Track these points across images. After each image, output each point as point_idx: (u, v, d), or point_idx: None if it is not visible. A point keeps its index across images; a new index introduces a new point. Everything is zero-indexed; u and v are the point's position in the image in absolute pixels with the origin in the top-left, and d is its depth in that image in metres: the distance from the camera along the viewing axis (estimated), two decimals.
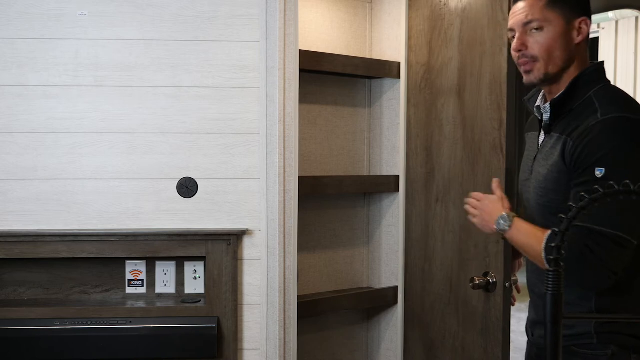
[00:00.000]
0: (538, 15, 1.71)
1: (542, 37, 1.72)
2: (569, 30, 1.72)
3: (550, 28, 1.71)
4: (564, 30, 1.71)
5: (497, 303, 2.53)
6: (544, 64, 1.74)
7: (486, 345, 2.60)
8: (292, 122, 2.49)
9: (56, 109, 2.42)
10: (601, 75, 1.77)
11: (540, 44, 1.72)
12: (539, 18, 1.71)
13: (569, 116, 1.73)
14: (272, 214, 2.48)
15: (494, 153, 2.55)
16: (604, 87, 1.74)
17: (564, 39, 1.71)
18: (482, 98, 2.61)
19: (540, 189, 1.77)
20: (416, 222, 2.92)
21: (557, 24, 1.71)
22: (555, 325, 1.10)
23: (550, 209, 1.75)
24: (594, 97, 1.70)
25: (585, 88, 1.72)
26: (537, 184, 1.79)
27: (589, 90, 1.71)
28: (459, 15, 2.71)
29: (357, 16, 3.04)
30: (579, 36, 1.72)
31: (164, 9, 2.45)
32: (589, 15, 1.76)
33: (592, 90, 1.71)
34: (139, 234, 2.45)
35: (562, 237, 1.08)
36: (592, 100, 1.69)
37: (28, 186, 2.42)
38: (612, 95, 1.71)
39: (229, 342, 2.47)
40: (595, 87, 1.72)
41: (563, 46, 1.72)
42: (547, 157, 1.76)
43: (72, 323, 2.39)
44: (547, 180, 1.74)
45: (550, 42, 1.71)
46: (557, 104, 1.75)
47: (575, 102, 1.73)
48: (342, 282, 3.05)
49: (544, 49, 1.72)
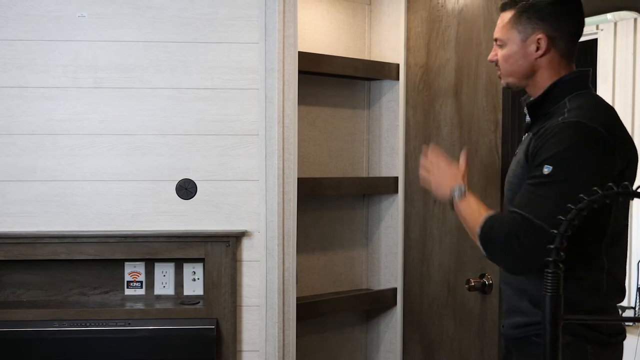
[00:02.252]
0: (500, 34, 1.89)
1: (503, 52, 1.89)
2: (525, 46, 1.84)
3: (509, 45, 1.87)
4: (518, 48, 1.85)
5: (493, 304, 2.53)
6: (505, 76, 1.91)
7: (482, 346, 2.61)
8: (291, 124, 2.49)
9: (55, 110, 2.43)
10: (582, 83, 1.85)
11: (501, 58, 1.90)
12: (501, 37, 1.88)
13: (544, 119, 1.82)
14: (271, 215, 2.48)
15: (489, 154, 2.56)
16: (581, 94, 1.81)
17: (519, 55, 1.85)
18: (478, 99, 2.61)
19: (508, 183, 1.89)
20: (414, 223, 2.93)
21: (514, 41, 1.86)
22: (554, 327, 1.10)
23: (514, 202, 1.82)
24: (568, 102, 1.79)
25: (562, 93, 1.81)
26: (507, 179, 1.91)
27: (565, 96, 1.81)
28: (455, 17, 2.72)
29: (356, 18, 3.05)
30: (537, 51, 1.83)
31: (163, 11, 2.45)
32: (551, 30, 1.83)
33: (568, 95, 1.80)
34: (138, 236, 2.45)
35: (562, 239, 1.08)
36: (565, 105, 1.78)
37: (27, 188, 2.42)
38: (583, 102, 1.79)
39: (227, 344, 2.47)
40: (573, 93, 1.81)
41: (518, 61, 1.86)
42: (517, 154, 1.88)
43: (71, 325, 2.39)
44: (514, 175, 1.85)
45: (507, 58, 1.88)
46: (533, 106, 1.87)
47: (551, 106, 1.82)
48: (341, 283, 3.06)
49: (504, 64, 1.89)
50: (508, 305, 1.93)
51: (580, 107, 1.75)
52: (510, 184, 1.87)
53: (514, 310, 1.86)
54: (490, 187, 2.55)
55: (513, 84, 1.92)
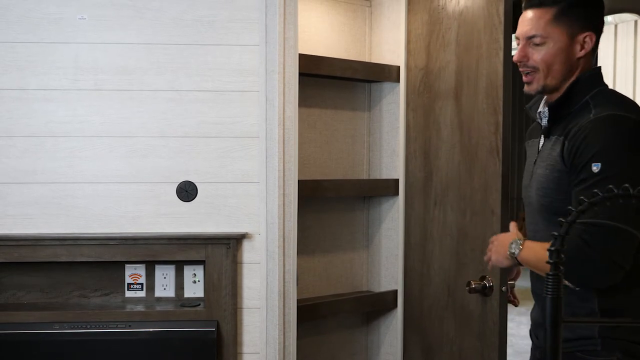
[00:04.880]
0: (542, 30, 1.75)
1: (543, 51, 1.75)
2: (572, 45, 1.75)
3: (552, 43, 1.75)
4: (566, 46, 1.75)
5: (494, 307, 2.53)
6: (543, 76, 1.77)
7: (483, 349, 2.60)
8: (291, 126, 2.49)
9: (56, 112, 2.43)
10: (598, 80, 1.80)
11: (541, 57, 1.76)
12: (542, 34, 1.75)
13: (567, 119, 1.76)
14: (271, 217, 2.48)
15: (490, 157, 2.55)
16: (600, 90, 1.77)
17: (566, 53, 1.75)
18: (478, 101, 2.61)
19: (541, 189, 1.79)
20: (415, 225, 2.93)
21: (559, 39, 1.74)
22: (554, 329, 1.10)
23: (552, 209, 1.76)
24: (590, 100, 1.74)
25: (582, 92, 1.75)
26: (538, 185, 1.81)
27: (586, 94, 1.75)
28: (456, 19, 2.72)
29: (356, 20, 3.05)
30: (581, 50, 1.76)
31: (163, 13, 2.46)
32: (597, 29, 1.78)
33: (589, 94, 1.75)
34: (138, 238, 2.45)
35: (562, 240, 1.08)
36: (588, 103, 1.73)
37: (27, 190, 2.42)
38: (607, 97, 1.75)
39: (228, 346, 2.47)
40: (592, 91, 1.76)
41: (563, 60, 1.75)
42: (546, 158, 1.79)
43: (71, 327, 2.39)
44: (549, 180, 1.76)
45: (550, 56, 1.75)
46: (555, 107, 1.79)
47: (573, 106, 1.76)
48: (341, 285, 3.05)
49: (544, 62, 1.76)
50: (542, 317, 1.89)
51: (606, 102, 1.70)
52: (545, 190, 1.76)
53: None
54: (490, 189, 2.55)
55: (552, 85, 1.78)
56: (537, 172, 1.82)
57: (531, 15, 1.78)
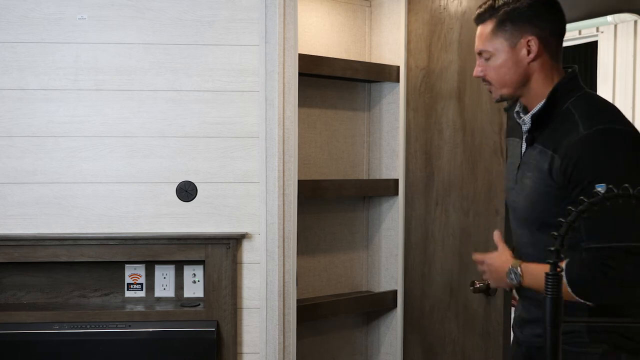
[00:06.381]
0: (485, 45, 1.80)
1: (492, 64, 1.80)
2: (515, 53, 1.78)
3: (497, 55, 1.79)
4: (510, 55, 1.78)
5: (498, 306, 2.53)
6: (498, 88, 1.82)
7: (487, 349, 2.60)
8: (291, 126, 2.49)
9: (56, 112, 2.43)
10: (576, 84, 1.80)
11: (492, 71, 1.81)
12: (486, 49, 1.80)
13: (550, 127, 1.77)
14: (271, 217, 2.48)
15: (494, 157, 2.55)
16: (579, 97, 1.77)
17: (511, 62, 1.79)
18: (482, 102, 2.61)
19: (528, 202, 1.80)
20: (415, 225, 2.92)
21: (502, 50, 1.79)
22: (555, 329, 1.10)
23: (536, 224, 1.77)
24: (572, 109, 1.73)
25: (562, 99, 1.76)
26: (524, 197, 1.81)
27: (566, 101, 1.76)
28: (458, 19, 2.71)
29: (356, 20, 3.05)
30: (529, 55, 1.78)
31: (163, 13, 2.46)
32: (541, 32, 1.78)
33: (569, 100, 1.76)
34: (138, 238, 2.45)
35: (562, 240, 1.08)
36: (571, 112, 1.73)
37: (28, 190, 2.42)
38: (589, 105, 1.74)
39: (228, 346, 2.47)
40: (572, 97, 1.76)
41: (511, 70, 1.79)
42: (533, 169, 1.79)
43: (71, 327, 2.39)
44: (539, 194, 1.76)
45: (499, 69, 1.80)
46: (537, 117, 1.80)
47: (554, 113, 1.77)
48: (341, 285, 3.05)
49: (495, 75, 1.81)
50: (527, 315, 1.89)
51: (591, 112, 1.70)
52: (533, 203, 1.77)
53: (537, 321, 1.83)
54: (494, 189, 2.55)
55: (508, 95, 1.84)
56: (524, 182, 1.82)
57: (478, 32, 1.84)
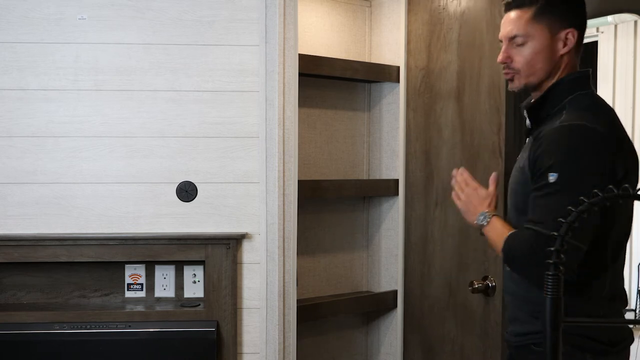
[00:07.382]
0: (522, 30, 1.76)
1: (526, 51, 1.76)
2: (554, 42, 1.75)
3: (534, 42, 1.75)
4: (547, 43, 1.75)
5: (497, 307, 2.53)
6: (525, 76, 1.78)
7: (485, 349, 2.60)
8: (291, 126, 2.49)
9: (56, 112, 2.43)
10: (582, 83, 1.78)
11: (523, 57, 1.77)
12: (523, 33, 1.76)
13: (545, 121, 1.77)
14: (271, 217, 2.48)
15: (492, 157, 2.55)
16: (580, 95, 1.76)
17: (547, 51, 1.76)
18: (480, 102, 2.61)
19: (511, 190, 1.84)
20: (415, 225, 2.93)
21: (540, 37, 1.75)
22: (554, 330, 1.10)
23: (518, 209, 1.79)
24: (567, 105, 1.73)
25: (561, 95, 1.75)
26: (510, 185, 1.85)
27: (565, 98, 1.75)
28: (457, 20, 2.72)
29: (356, 20, 3.05)
30: (564, 47, 1.76)
31: (163, 13, 2.46)
32: (579, 25, 1.78)
33: (568, 97, 1.75)
34: (138, 238, 2.45)
35: (562, 241, 1.08)
36: (565, 108, 1.73)
37: (28, 190, 2.42)
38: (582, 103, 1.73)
39: (228, 346, 2.47)
40: (572, 95, 1.75)
41: (546, 58, 1.76)
42: (519, 159, 1.81)
43: (71, 327, 2.39)
44: (517, 183, 1.79)
45: (532, 56, 1.76)
46: (532, 110, 1.80)
47: (552, 109, 1.76)
48: (341, 286, 3.05)
49: (527, 62, 1.77)
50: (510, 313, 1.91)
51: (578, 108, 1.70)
52: (514, 191, 1.81)
53: (514, 319, 1.85)
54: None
55: (532, 84, 1.79)
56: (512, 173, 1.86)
57: (512, 16, 1.79)
